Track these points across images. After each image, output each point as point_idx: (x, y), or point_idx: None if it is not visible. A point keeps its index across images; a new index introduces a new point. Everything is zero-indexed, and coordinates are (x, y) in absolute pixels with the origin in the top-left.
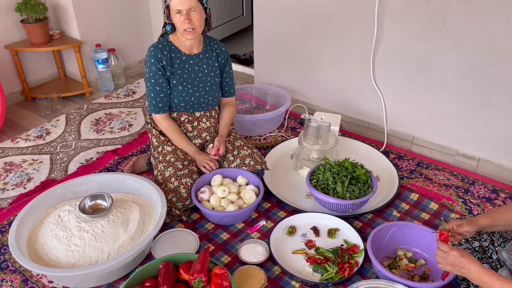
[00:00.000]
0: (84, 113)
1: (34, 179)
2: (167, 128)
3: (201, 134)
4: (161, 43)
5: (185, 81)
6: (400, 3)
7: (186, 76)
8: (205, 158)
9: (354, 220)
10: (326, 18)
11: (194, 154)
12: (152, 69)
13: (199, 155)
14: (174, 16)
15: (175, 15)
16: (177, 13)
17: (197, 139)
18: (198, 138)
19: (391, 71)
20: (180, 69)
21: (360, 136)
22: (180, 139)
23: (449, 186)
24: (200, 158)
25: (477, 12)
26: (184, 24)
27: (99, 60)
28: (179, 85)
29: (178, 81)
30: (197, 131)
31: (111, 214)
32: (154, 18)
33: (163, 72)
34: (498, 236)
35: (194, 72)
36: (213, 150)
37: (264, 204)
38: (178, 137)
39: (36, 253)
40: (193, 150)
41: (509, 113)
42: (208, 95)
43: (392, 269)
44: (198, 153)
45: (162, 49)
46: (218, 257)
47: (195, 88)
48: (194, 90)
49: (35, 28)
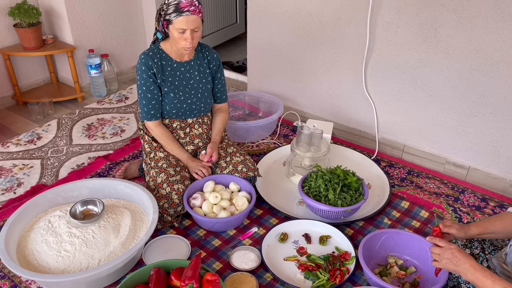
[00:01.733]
0: (76, 118)
1: (24, 184)
2: (159, 135)
3: (194, 140)
4: (151, 50)
5: (176, 88)
6: (392, 13)
7: (177, 84)
8: (197, 164)
9: (346, 228)
10: (319, 27)
11: (187, 161)
12: (143, 76)
13: (191, 161)
14: (175, 32)
15: (177, 32)
16: (181, 32)
17: (190, 146)
18: (191, 144)
19: (383, 80)
20: (171, 76)
21: (352, 144)
22: (173, 145)
23: (439, 194)
24: (192, 165)
25: (467, 23)
26: (186, 43)
27: (92, 65)
28: (170, 92)
29: (170, 88)
30: (190, 138)
31: (102, 220)
32: (148, 25)
33: (154, 79)
34: (489, 244)
35: (186, 79)
36: (206, 157)
37: (256, 210)
38: (171, 143)
39: (25, 258)
40: (186, 157)
41: (498, 122)
42: (200, 102)
43: (383, 276)
44: (191, 159)
45: (152, 56)
46: (210, 264)
47: (187, 95)
48: (185, 97)
49: (28, 33)
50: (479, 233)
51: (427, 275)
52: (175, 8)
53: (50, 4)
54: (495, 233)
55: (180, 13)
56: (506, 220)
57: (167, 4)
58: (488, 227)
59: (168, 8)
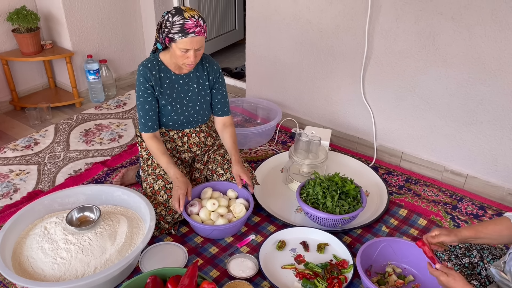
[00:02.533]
0: (73, 124)
1: (21, 189)
2: (151, 148)
3: (191, 148)
4: (150, 62)
5: (174, 101)
6: (390, 21)
7: (175, 96)
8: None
9: (344, 235)
10: (317, 34)
11: (173, 179)
12: (141, 88)
13: (176, 184)
14: (178, 50)
15: (180, 51)
16: (184, 51)
17: (187, 153)
18: (188, 152)
19: (381, 87)
20: (169, 88)
21: (350, 151)
22: (161, 160)
23: (437, 202)
24: (175, 189)
25: (465, 31)
26: (188, 60)
27: (90, 71)
28: (168, 105)
29: (167, 100)
30: (187, 146)
31: (98, 227)
32: (147, 30)
33: (152, 91)
34: (488, 252)
35: (184, 91)
36: (239, 183)
37: (254, 218)
38: (160, 158)
39: (21, 265)
40: (172, 173)
41: (496, 130)
42: (197, 114)
43: (381, 285)
44: (178, 180)
45: (151, 68)
46: (207, 272)
47: (184, 108)
48: (183, 110)
49: (27, 38)
50: (470, 236)
51: (425, 284)
52: (180, 28)
53: (49, 10)
54: (488, 238)
55: (185, 35)
56: (500, 225)
57: (172, 23)
58: (481, 230)
59: (172, 27)
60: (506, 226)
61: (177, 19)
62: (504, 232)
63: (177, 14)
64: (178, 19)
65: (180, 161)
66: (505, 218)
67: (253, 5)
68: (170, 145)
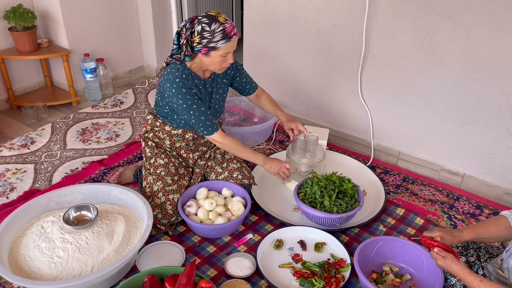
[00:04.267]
0: (70, 123)
1: (17, 188)
2: (231, 145)
3: (198, 148)
4: (182, 72)
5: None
6: (388, 21)
7: (203, 100)
8: (281, 166)
9: (341, 234)
10: (315, 33)
11: (264, 163)
12: (188, 97)
13: (270, 162)
14: (218, 57)
15: (220, 57)
16: (224, 56)
17: (195, 153)
18: (196, 152)
19: (378, 87)
20: (201, 93)
21: (347, 151)
22: (246, 152)
23: (434, 201)
24: (275, 168)
25: (462, 31)
26: (226, 64)
27: (87, 69)
28: None
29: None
30: (195, 146)
31: (95, 226)
32: (144, 29)
33: (198, 96)
34: (484, 251)
35: (209, 94)
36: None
37: (252, 217)
38: (244, 150)
39: (17, 264)
40: (262, 159)
41: (493, 130)
42: (218, 113)
43: (378, 284)
44: (269, 160)
45: (187, 78)
46: (204, 271)
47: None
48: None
49: (23, 36)
50: (472, 239)
51: (422, 282)
52: (223, 35)
53: (46, 8)
54: (488, 238)
55: (228, 39)
56: (499, 224)
57: (211, 32)
58: (482, 233)
59: (213, 36)
60: (504, 226)
61: (216, 26)
62: (502, 232)
63: (213, 21)
64: (217, 26)
65: (181, 159)
66: (503, 217)
67: (250, 4)
68: (180, 144)
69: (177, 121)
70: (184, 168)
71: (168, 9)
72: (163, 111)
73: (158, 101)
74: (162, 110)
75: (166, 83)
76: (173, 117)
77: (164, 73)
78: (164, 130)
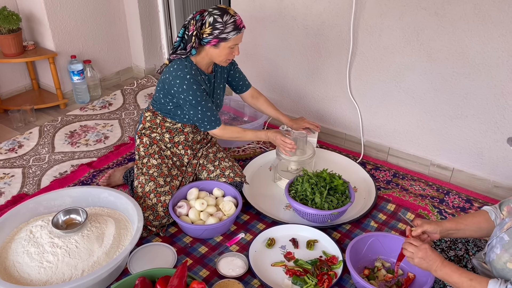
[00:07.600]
0: (58, 126)
1: (5, 193)
2: (232, 134)
3: (193, 145)
4: (191, 68)
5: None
6: (375, 17)
7: (208, 95)
8: (284, 138)
9: (333, 231)
10: (303, 31)
11: (268, 136)
12: (198, 94)
13: (274, 136)
14: (227, 48)
15: (229, 48)
16: (232, 47)
17: (189, 150)
18: (189, 149)
19: (367, 83)
20: (208, 88)
21: (338, 148)
22: (249, 134)
23: (424, 196)
24: (280, 142)
25: (448, 26)
26: (231, 56)
27: (74, 71)
28: None
29: None
30: (191, 142)
31: (85, 229)
32: (131, 30)
33: (206, 92)
34: (473, 245)
35: (212, 89)
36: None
37: (243, 216)
38: (245, 133)
39: (6, 270)
40: (264, 133)
41: (481, 124)
42: (218, 107)
43: (371, 279)
44: (272, 134)
45: (196, 74)
46: (196, 271)
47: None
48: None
49: (8, 39)
50: (451, 227)
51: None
52: (234, 26)
53: (31, 10)
54: (468, 230)
55: (239, 30)
56: (479, 217)
57: (223, 23)
58: (461, 222)
59: (225, 27)
60: (484, 219)
61: (227, 18)
62: (483, 225)
63: (224, 13)
64: (229, 17)
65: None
66: (483, 211)
67: (238, 3)
68: (179, 139)
69: (180, 116)
70: (177, 169)
71: (155, 9)
72: (166, 108)
73: (159, 98)
74: (165, 106)
75: (176, 80)
76: (177, 113)
77: (169, 69)
78: (164, 126)
